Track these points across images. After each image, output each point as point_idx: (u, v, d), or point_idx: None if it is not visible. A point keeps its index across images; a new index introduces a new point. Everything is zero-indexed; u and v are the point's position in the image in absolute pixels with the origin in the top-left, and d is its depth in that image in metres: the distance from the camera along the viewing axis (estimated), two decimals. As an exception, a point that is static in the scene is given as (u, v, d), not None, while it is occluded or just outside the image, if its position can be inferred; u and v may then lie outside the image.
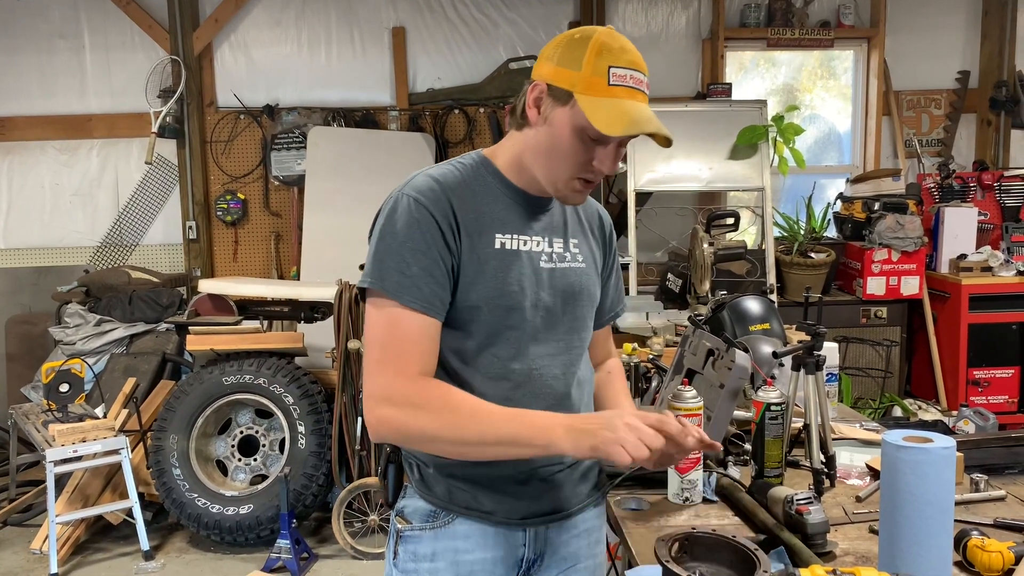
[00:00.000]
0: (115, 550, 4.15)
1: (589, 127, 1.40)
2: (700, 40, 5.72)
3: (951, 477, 1.32)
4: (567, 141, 1.43)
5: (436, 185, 1.47)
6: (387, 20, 5.63)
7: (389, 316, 1.43)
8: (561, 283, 1.57)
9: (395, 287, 1.42)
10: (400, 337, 1.42)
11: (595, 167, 1.46)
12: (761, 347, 2.41)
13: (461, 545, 1.54)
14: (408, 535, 1.56)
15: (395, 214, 1.45)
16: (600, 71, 1.40)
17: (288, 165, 5.55)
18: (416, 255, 1.42)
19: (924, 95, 5.90)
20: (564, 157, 1.45)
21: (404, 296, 1.42)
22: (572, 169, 1.46)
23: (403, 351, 1.42)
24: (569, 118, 1.42)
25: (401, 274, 1.42)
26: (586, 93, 1.40)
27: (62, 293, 5.08)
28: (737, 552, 1.47)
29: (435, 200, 1.45)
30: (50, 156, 5.60)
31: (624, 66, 1.41)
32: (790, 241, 5.35)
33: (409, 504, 1.58)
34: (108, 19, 5.49)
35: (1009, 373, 5.12)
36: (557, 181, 1.48)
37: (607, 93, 1.40)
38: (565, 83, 1.42)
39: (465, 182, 1.51)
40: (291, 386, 4.13)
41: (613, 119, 1.38)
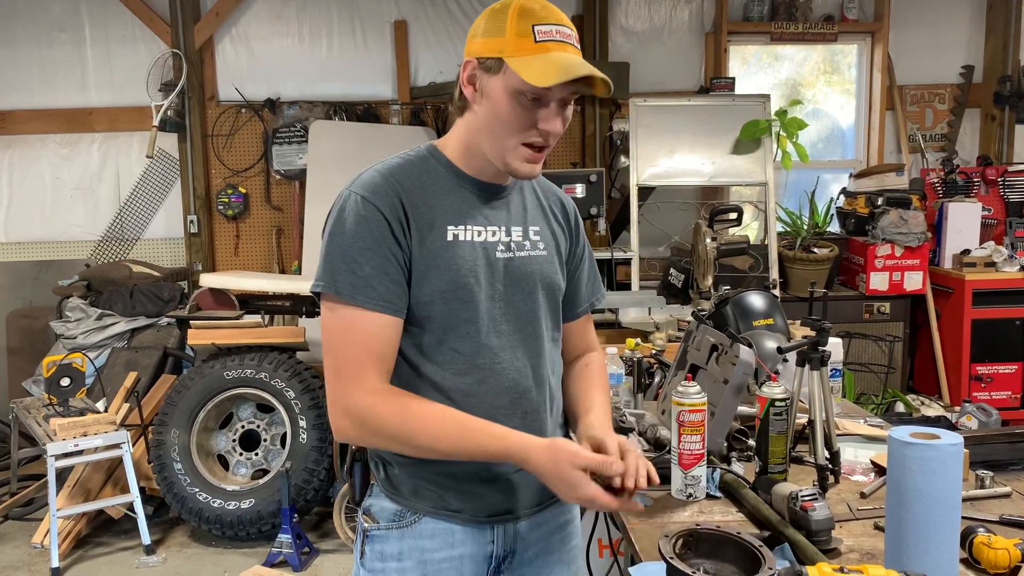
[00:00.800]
0: (116, 544, 4.15)
1: (524, 86, 1.38)
2: (703, 34, 5.70)
3: (958, 474, 1.31)
4: (506, 107, 1.41)
5: (383, 180, 1.46)
6: (389, 14, 5.61)
7: (344, 319, 1.42)
8: (519, 272, 1.54)
9: (348, 288, 1.40)
10: (356, 341, 1.41)
11: (541, 129, 1.43)
12: (765, 342, 2.40)
13: (428, 544, 1.53)
14: (375, 534, 1.55)
15: (343, 213, 1.44)
16: (524, 31, 1.38)
17: (289, 159, 5.54)
18: (366, 254, 1.41)
19: (928, 90, 5.88)
20: (506, 125, 1.42)
21: (358, 297, 1.40)
22: (516, 135, 1.43)
23: (359, 358, 1.41)
24: (503, 84, 1.40)
25: (353, 274, 1.40)
26: (515, 55, 1.38)
27: (63, 287, 5.07)
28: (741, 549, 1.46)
29: (382, 196, 1.43)
30: (51, 150, 5.59)
31: (548, 22, 1.39)
32: (793, 236, 5.33)
33: (375, 503, 1.57)
34: (109, 12, 5.48)
35: (1012, 369, 5.10)
36: (504, 152, 1.45)
37: (536, 50, 1.38)
38: (493, 51, 1.40)
39: (414, 175, 1.49)
40: (292, 381, 4.12)
41: (545, 71, 1.36)
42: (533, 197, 1.63)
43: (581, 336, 1.77)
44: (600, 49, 5.62)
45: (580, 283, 1.72)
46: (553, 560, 1.65)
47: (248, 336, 4.29)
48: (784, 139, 5.04)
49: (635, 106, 5.08)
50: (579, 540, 1.75)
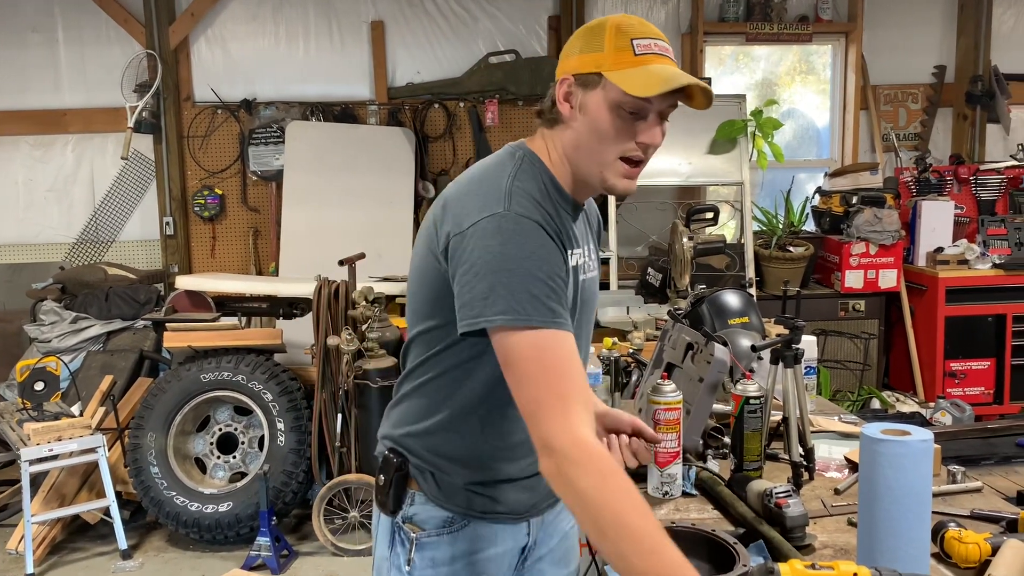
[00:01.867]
0: (92, 549, 4.11)
1: (625, 99, 1.37)
2: (679, 34, 5.73)
3: (929, 470, 1.33)
4: (606, 121, 1.39)
5: (536, 201, 1.39)
6: (366, 14, 5.59)
7: (540, 345, 1.32)
8: (588, 294, 1.56)
9: (548, 314, 1.33)
10: (555, 368, 1.32)
11: (640, 142, 1.41)
12: (740, 341, 2.41)
13: (478, 545, 1.55)
14: (426, 542, 1.54)
15: (517, 238, 1.34)
16: (623, 46, 1.38)
17: (266, 160, 5.51)
18: (554, 277, 1.35)
19: (901, 90, 5.94)
20: (606, 139, 1.40)
21: (556, 321, 1.33)
22: (616, 150, 1.41)
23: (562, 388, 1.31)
24: (603, 98, 1.39)
25: (549, 298, 1.33)
26: (615, 68, 1.37)
27: (37, 290, 5.01)
28: (716, 546, 1.47)
29: (544, 219, 1.38)
30: (24, 152, 5.52)
31: (646, 36, 1.40)
32: (769, 235, 5.37)
33: (420, 511, 1.55)
34: (82, 12, 5.42)
35: (985, 365, 5.17)
36: (604, 168, 1.43)
37: (635, 63, 1.37)
38: (591, 67, 1.39)
39: (542, 193, 1.43)
40: (270, 383, 4.10)
41: (647, 81, 1.35)
42: (584, 217, 1.62)
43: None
44: (577, 49, 5.62)
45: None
46: (563, 541, 1.70)
47: (225, 338, 4.27)
48: (760, 139, 5.07)
49: (612, 106, 5.08)
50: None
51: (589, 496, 1.24)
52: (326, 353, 4.07)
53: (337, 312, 4.07)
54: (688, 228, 4.08)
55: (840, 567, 1.22)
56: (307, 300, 4.30)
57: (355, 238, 4.97)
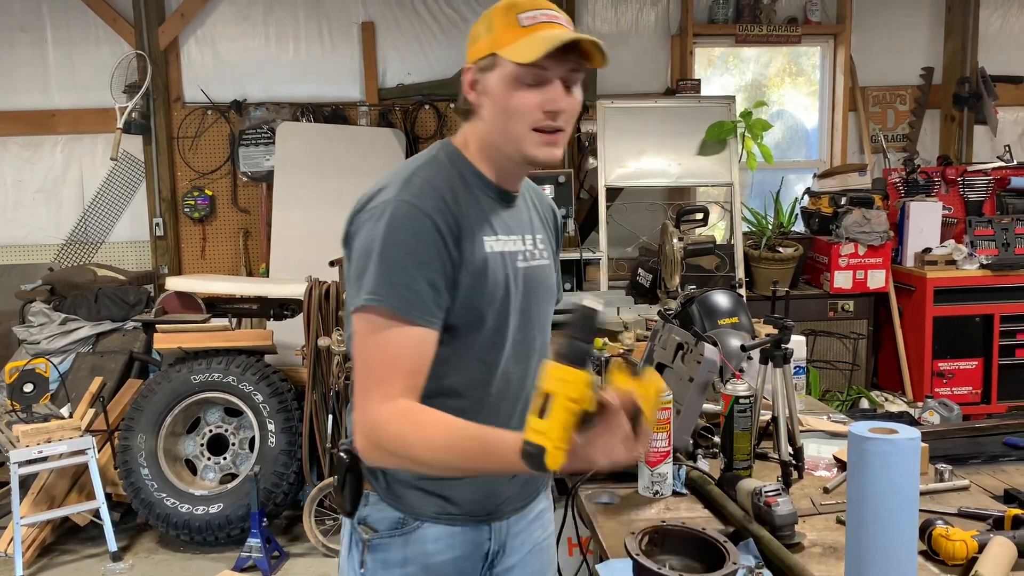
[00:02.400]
0: (82, 551, 4.10)
1: (520, 70, 1.39)
2: (669, 36, 5.74)
3: (916, 468, 1.34)
4: (509, 97, 1.41)
5: (433, 191, 1.43)
6: (356, 15, 5.59)
7: (386, 334, 1.37)
8: (533, 281, 1.56)
9: (401, 303, 1.36)
10: (390, 357, 1.37)
11: (548, 109, 1.41)
12: (729, 341, 2.43)
13: (431, 548, 1.54)
14: (377, 543, 1.54)
15: (395, 223, 1.38)
16: (510, 23, 1.40)
17: (256, 161, 5.50)
18: (421, 267, 1.37)
19: (890, 91, 5.98)
20: (513, 114, 1.42)
21: (412, 313, 1.37)
22: (525, 122, 1.42)
23: (387, 372, 1.37)
24: (501, 76, 1.41)
25: (407, 288, 1.37)
26: (504, 45, 1.40)
27: (26, 291, 4.99)
28: (706, 544, 1.48)
29: (436, 208, 1.40)
30: (12, 153, 5.50)
31: (530, 8, 1.41)
32: (758, 236, 5.40)
33: (373, 512, 1.55)
34: (71, 12, 5.40)
35: (973, 365, 5.20)
36: (520, 142, 1.44)
37: (522, 34, 1.39)
38: (486, 50, 1.42)
39: (450, 183, 1.46)
40: (260, 384, 4.09)
41: (532, 47, 1.37)
42: (532, 205, 1.64)
43: None
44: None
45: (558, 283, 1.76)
46: (536, 549, 1.69)
47: (215, 339, 4.26)
48: (749, 140, 5.09)
49: (603, 108, 5.10)
50: (553, 527, 1.77)
51: (402, 445, 1.34)
52: (317, 354, 4.07)
53: (328, 313, 4.07)
54: (678, 229, 4.10)
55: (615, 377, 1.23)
56: (298, 301, 4.29)
57: (346, 239, 4.96)
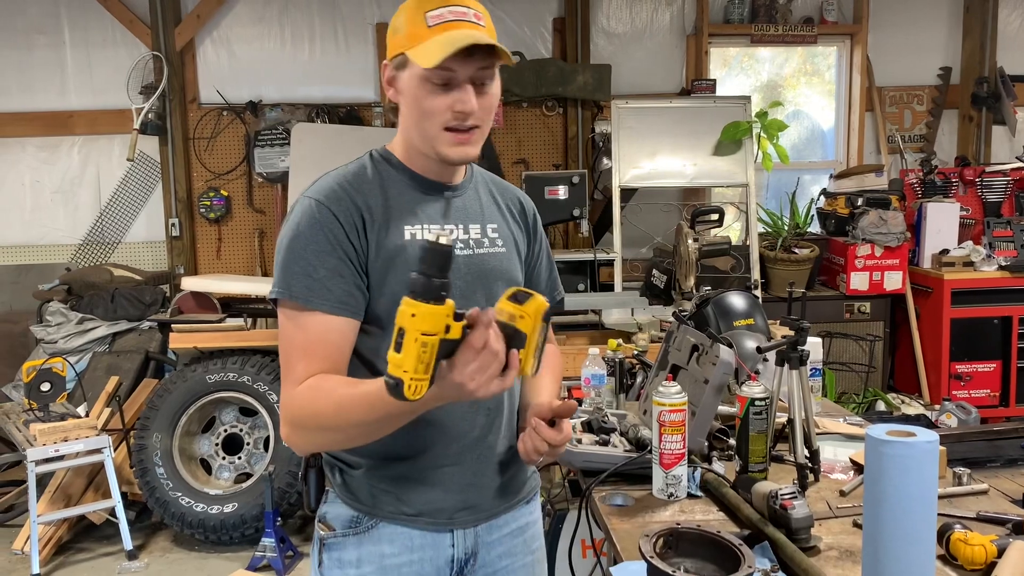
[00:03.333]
0: (98, 550, 4.12)
1: (426, 72, 1.39)
2: (684, 36, 5.73)
3: (934, 471, 1.32)
4: (420, 97, 1.43)
5: (337, 185, 1.47)
6: (370, 16, 5.60)
7: (297, 324, 1.41)
8: (479, 269, 1.54)
9: (304, 292, 1.40)
10: (302, 345, 1.40)
11: (458, 110, 1.43)
12: (745, 342, 2.41)
13: (387, 549, 1.52)
14: (332, 542, 1.54)
15: (297, 219, 1.44)
16: (418, 21, 1.40)
17: (272, 162, 5.52)
18: (321, 256, 1.41)
19: (906, 91, 5.94)
20: (425, 114, 1.44)
21: (314, 300, 1.40)
22: (436, 123, 1.44)
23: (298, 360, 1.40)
24: (411, 76, 1.43)
25: (308, 277, 1.40)
26: (412, 45, 1.40)
27: (44, 291, 5.03)
28: (722, 547, 1.47)
29: (336, 199, 1.45)
30: (30, 153, 5.54)
31: (439, 5, 1.40)
32: (774, 237, 5.37)
33: (331, 510, 1.55)
34: (88, 15, 5.44)
35: (991, 367, 5.15)
36: (432, 141, 1.46)
37: (429, 35, 1.39)
38: (397, 48, 1.44)
39: (368, 178, 1.50)
40: (275, 384, 4.11)
41: (432, 50, 1.37)
42: (489, 197, 1.64)
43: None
44: (582, 51, 5.64)
45: (540, 280, 1.73)
46: (518, 563, 1.65)
47: (230, 339, 4.28)
48: (765, 140, 5.07)
49: (617, 108, 5.09)
50: (542, 542, 1.75)
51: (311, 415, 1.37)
52: (331, 354, 4.06)
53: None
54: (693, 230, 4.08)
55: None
56: (312, 301, 4.30)
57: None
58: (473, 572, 1.60)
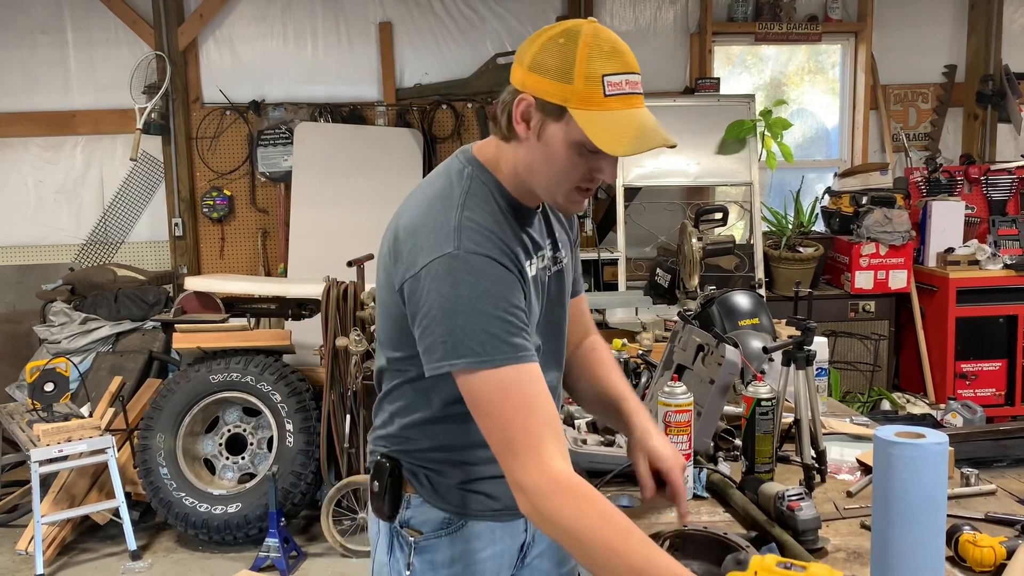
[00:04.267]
0: (102, 550, 4.12)
1: (588, 142, 1.31)
2: (688, 34, 5.71)
3: (944, 473, 1.31)
4: (564, 157, 1.35)
5: (489, 233, 1.37)
6: (374, 15, 5.59)
7: (502, 383, 1.32)
8: (556, 288, 1.56)
9: (510, 350, 1.32)
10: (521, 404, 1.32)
11: (596, 177, 1.39)
12: (750, 342, 2.40)
13: (476, 545, 1.55)
14: (424, 545, 1.54)
15: (471, 277, 1.32)
16: (594, 81, 1.30)
17: (275, 161, 5.52)
18: (511, 310, 1.33)
19: (911, 89, 5.92)
20: (563, 172, 1.37)
21: (518, 355, 1.32)
22: (571, 182, 1.39)
23: (528, 424, 1.31)
24: (565, 134, 1.34)
25: (509, 334, 1.32)
26: (581, 107, 1.31)
27: (47, 291, 5.03)
28: (728, 548, 1.46)
29: (500, 250, 1.36)
30: (33, 153, 5.54)
31: (618, 71, 1.32)
32: (778, 235, 5.35)
33: (416, 514, 1.54)
34: (91, 14, 5.44)
35: (996, 366, 5.14)
36: (557, 195, 1.41)
37: (604, 105, 1.31)
38: (556, 98, 1.32)
39: (496, 218, 1.41)
40: (279, 384, 4.10)
41: (617, 136, 1.30)
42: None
43: (581, 320, 1.76)
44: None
45: (577, 272, 1.74)
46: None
47: (234, 339, 4.27)
48: (769, 139, 5.05)
49: (621, 107, 5.07)
50: None
51: (571, 528, 1.26)
52: (335, 354, 4.07)
53: (346, 313, 4.07)
54: (697, 229, 4.07)
55: (812, 568, 1.22)
56: (316, 301, 4.30)
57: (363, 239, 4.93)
58: (531, 551, 1.67)
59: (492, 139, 1.47)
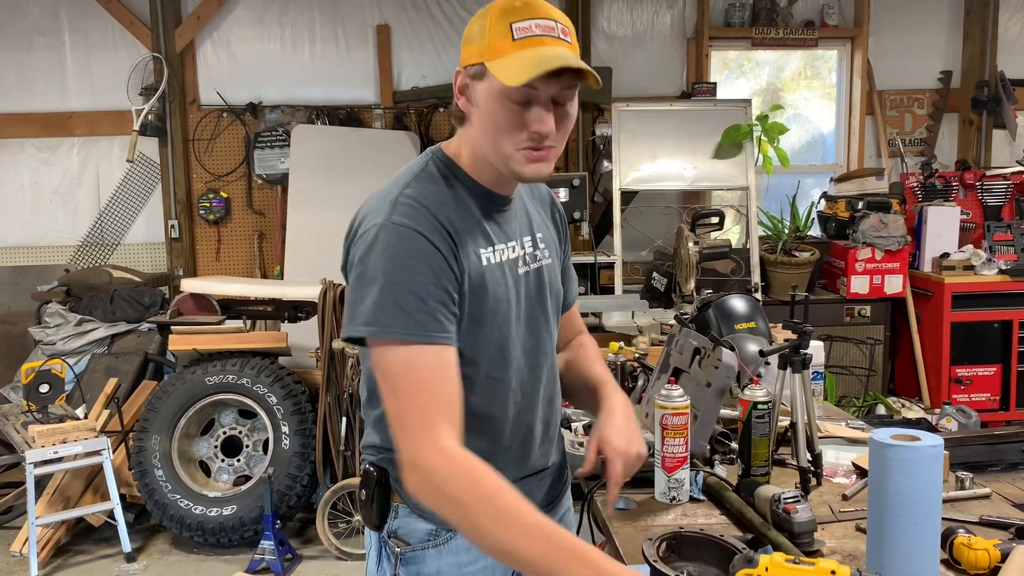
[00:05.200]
0: (96, 552, 4.11)
1: (507, 88, 1.31)
2: (685, 39, 5.73)
3: (939, 475, 1.32)
4: (496, 112, 1.35)
5: (423, 209, 1.37)
6: (371, 18, 5.60)
7: (406, 360, 1.31)
8: (536, 285, 1.54)
9: (418, 328, 1.31)
10: (422, 386, 1.31)
11: (532, 131, 1.35)
12: (747, 346, 2.41)
13: (464, 558, 1.52)
14: (410, 556, 1.52)
15: (391, 247, 1.34)
16: (503, 31, 1.32)
17: (271, 163, 5.52)
18: (428, 287, 1.32)
19: (907, 95, 5.94)
20: (500, 130, 1.36)
21: (426, 335, 1.32)
22: (512, 141, 1.36)
23: (426, 405, 1.30)
24: (488, 89, 1.35)
25: (420, 312, 1.32)
26: (494, 57, 1.32)
27: (42, 293, 5.02)
28: (725, 551, 1.46)
29: (430, 226, 1.36)
30: (29, 154, 5.54)
31: (526, 18, 1.32)
32: (774, 240, 5.37)
33: (404, 524, 1.52)
34: (88, 16, 5.44)
35: (991, 371, 5.15)
36: (507, 159, 1.38)
37: (514, 48, 1.32)
38: (476, 57, 1.35)
39: (440, 195, 1.42)
40: (275, 386, 4.10)
41: (519, 68, 1.29)
42: (529, 199, 1.60)
43: (574, 322, 1.79)
44: (583, 54, 5.63)
45: (569, 276, 1.73)
46: None
47: (230, 341, 4.27)
48: (765, 144, 5.07)
49: (618, 111, 5.09)
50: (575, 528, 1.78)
51: (461, 501, 1.27)
52: (331, 356, 4.07)
53: (342, 315, 4.07)
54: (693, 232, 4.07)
55: (820, 563, 1.22)
56: (312, 303, 4.30)
57: (360, 242, 4.98)
58: None
59: (457, 132, 1.49)
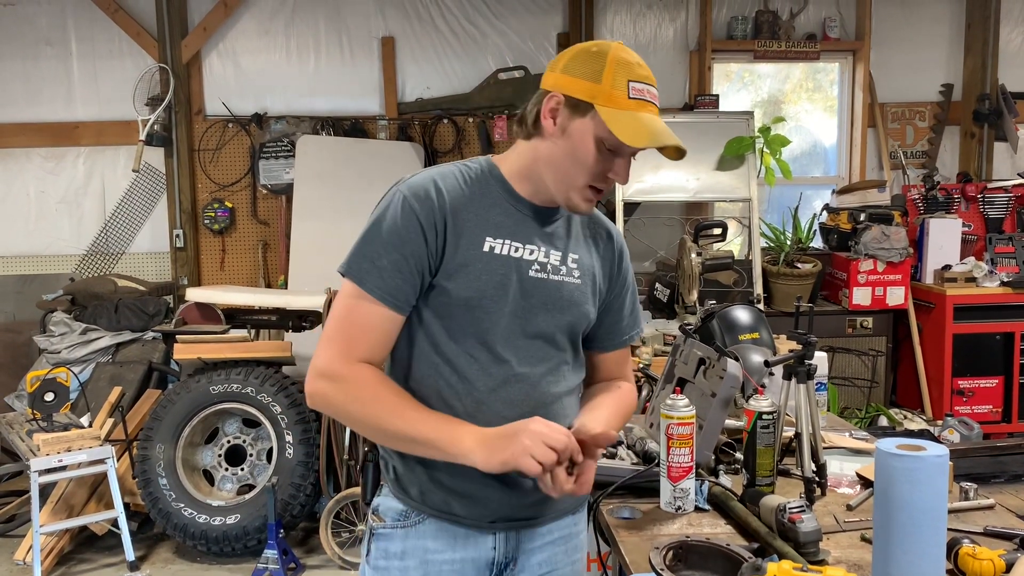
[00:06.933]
0: (100, 561, 4.11)
1: (609, 138, 1.44)
2: (687, 52, 5.76)
3: (944, 485, 1.33)
4: (586, 151, 1.47)
5: (431, 186, 1.51)
6: (376, 30, 5.63)
7: (352, 300, 1.49)
8: (548, 294, 1.57)
9: (362, 273, 1.48)
10: (355, 322, 1.49)
11: (610, 177, 1.51)
12: (751, 356, 2.42)
13: (431, 545, 1.57)
14: (381, 532, 1.60)
15: (385, 209, 1.51)
16: (620, 85, 1.45)
17: (276, 174, 5.54)
18: (389, 248, 1.47)
19: (909, 107, 5.96)
20: (582, 167, 1.49)
21: (367, 283, 1.47)
22: (587, 178, 1.50)
23: (353, 335, 1.49)
24: (588, 128, 1.46)
25: (371, 263, 1.47)
26: (607, 105, 1.44)
27: (47, 301, 5.04)
28: (731, 560, 1.48)
29: (424, 200, 1.49)
30: (36, 164, 5.56)
31: (641, 80, 1.47)
32: (777, 251, 5.38)
33: (383, 502, 1.62)
34: (95, 26, 5.47)
35: (993, 383, 5.15)
36: (570, 190, 1.51)
37: (626, 106, 1.45)
38: (584, 95, 1.46)
39: (464, 185, 1.54)
40: (279, 395, 4.11)
41: (637, 131, 1.43)
42: (581, 226, 1.67)
43: (616, 366, 1.78)
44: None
45: (622, 314, 1.74)
46: (557, 573, 1.68)
47: (234, 350, 4.28)
48: (767, 155, 5.08)
49: (621, 122, 5.10)
50: (583, 553, 1.77)
51: (349, 395, 1.46)
52: (335, 366, 4.07)
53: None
54: (696, 244, 4.10)
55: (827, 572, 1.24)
56: (316, 313, 4.32)
57: (364, 252, 4.99)
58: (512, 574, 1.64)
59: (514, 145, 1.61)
